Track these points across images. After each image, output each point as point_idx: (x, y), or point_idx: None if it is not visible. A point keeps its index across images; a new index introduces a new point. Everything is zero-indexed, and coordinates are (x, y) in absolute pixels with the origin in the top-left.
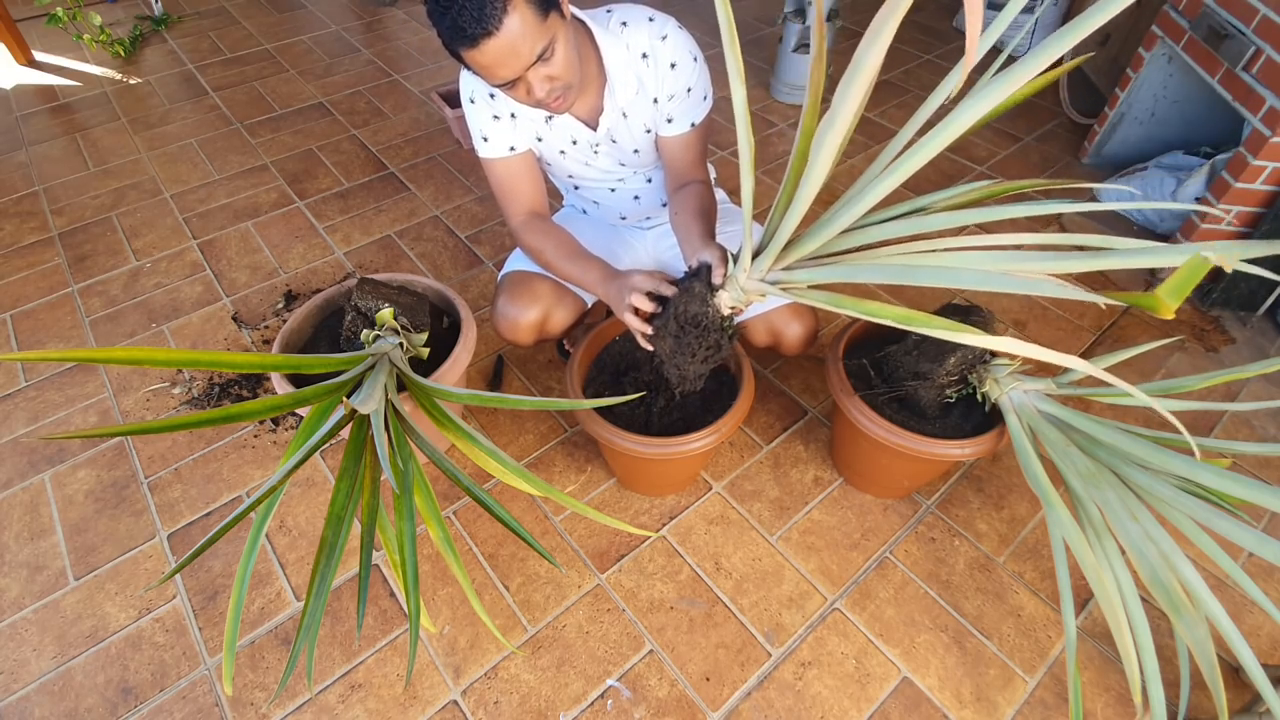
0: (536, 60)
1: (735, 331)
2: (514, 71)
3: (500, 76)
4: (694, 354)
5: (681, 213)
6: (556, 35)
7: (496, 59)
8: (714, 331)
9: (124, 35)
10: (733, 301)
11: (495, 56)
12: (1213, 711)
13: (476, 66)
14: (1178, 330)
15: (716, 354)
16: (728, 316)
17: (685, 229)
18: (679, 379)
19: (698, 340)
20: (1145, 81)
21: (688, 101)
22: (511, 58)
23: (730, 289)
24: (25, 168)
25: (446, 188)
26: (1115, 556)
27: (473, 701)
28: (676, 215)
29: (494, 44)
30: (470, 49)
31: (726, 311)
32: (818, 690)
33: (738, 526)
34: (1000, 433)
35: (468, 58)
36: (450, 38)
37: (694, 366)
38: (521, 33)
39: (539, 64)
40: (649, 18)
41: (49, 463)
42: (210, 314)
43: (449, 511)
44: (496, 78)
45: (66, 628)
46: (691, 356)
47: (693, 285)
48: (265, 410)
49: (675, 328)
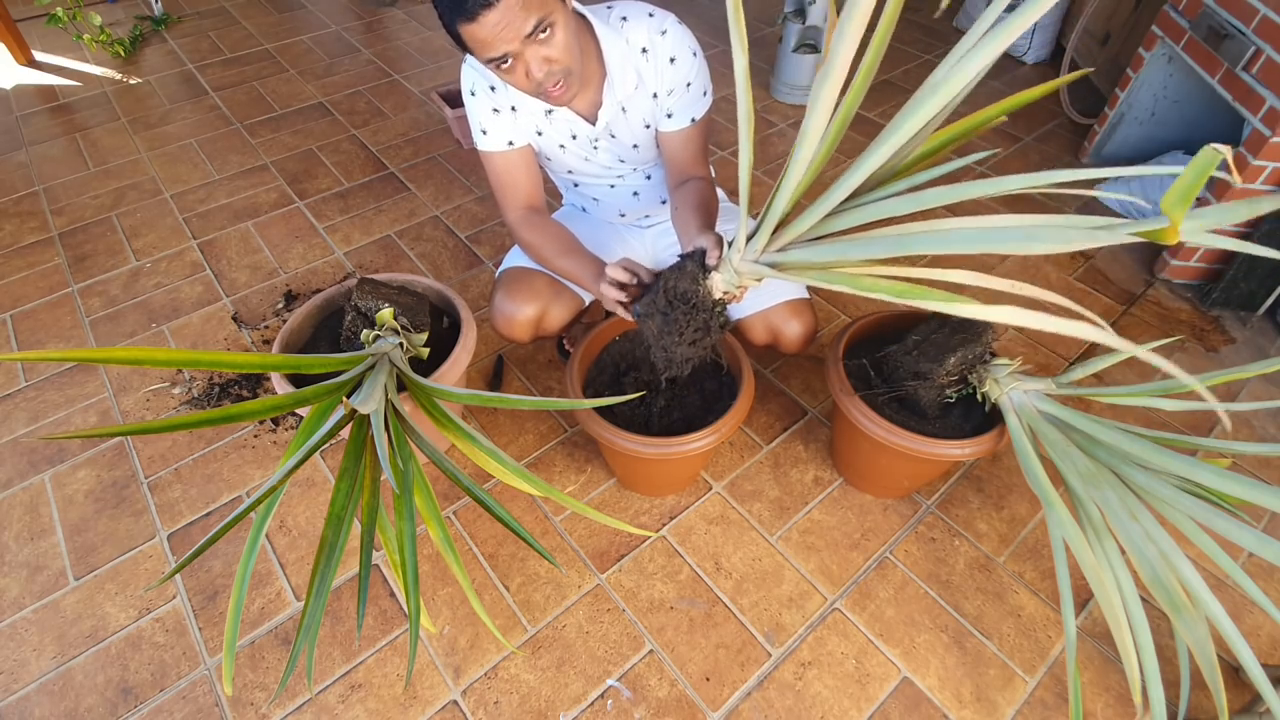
0: (534, 32)
1: (727, 319)
2: (510, 45)
3: (497, 49)
4: (681, 333)
5: (682, 208)
6: (555, 14)
7: (494, 30)
8: (703, 312)
9: (124, 35)
10: (725, 285)
11: (492, 29)
12: (1213, 711)
13: (474, 42)
14: (1178, 330)
15: (705, 336)
16: (719, 301)
17: (684, 223)
18: (665, 362)
19: (685, 319)
20: (1145, 81)
21: (687, 96)
22: (509, 31)
23: (724, 271)
24: (25, 168)
25: (446, 188)
26: (1115, 556)
27: (473, 701)
28: (677, 210)
29: (492, 16)
30: (469, 22)
31: (718, 295)
32: (818, 690)
33: (738, 526)
34: (1000, 433)
35: (466, 33)
36: (449, 13)
37: (681, 349)
38: (521, 2)
39: (537, 43)
40: (649, 13)
41: (49, 463)
42: (210, 314)
43: (449, 511)
44: (493, 51)
45: (66, 628)
46: (679, 336)
47: (685, 264)
48: (265, 410)
49: (664, 303)
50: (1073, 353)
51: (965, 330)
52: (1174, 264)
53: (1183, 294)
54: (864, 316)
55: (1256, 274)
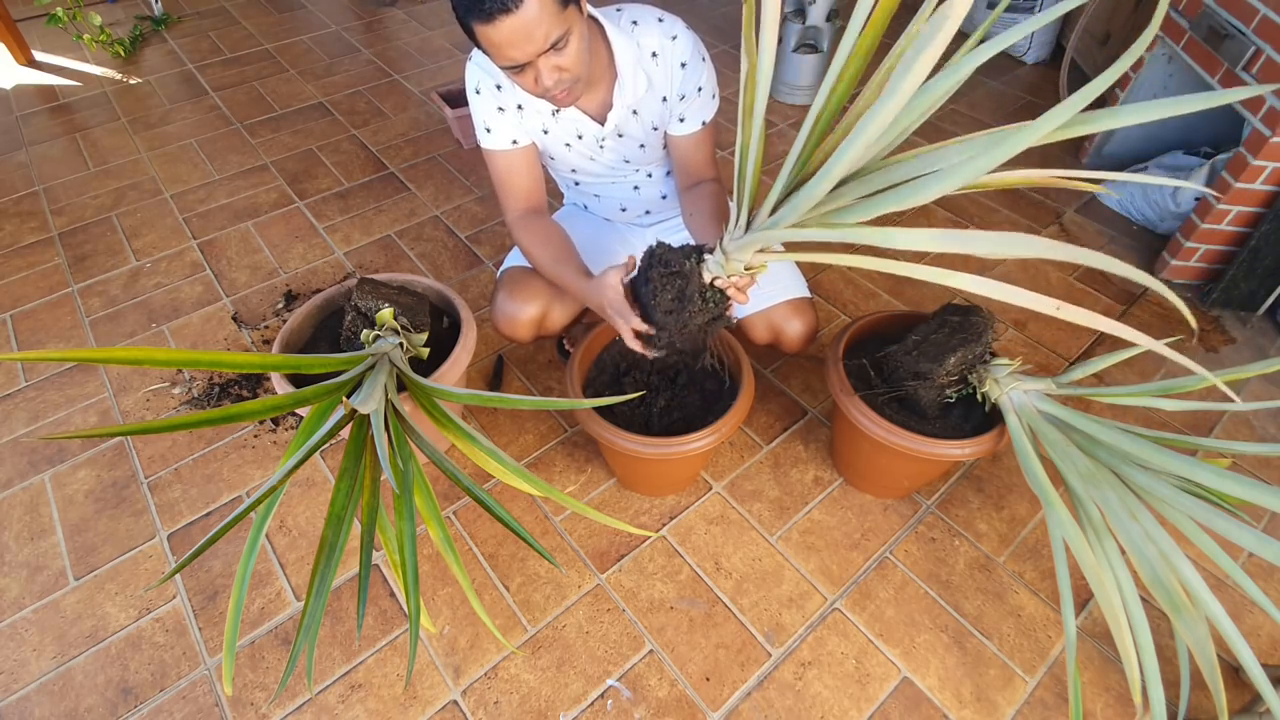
0: (550, 49)
1: (723, 310)
2: (525, 55)
3: (510, 58)
4: (655, 296)
5: (697, 214)
6: (572, 27)
7: (510, 39)
8: (680, 278)
9: (124, 35)
10: (715, 269)
11: (509, 36)
12: (1213, 711)
13: (487, 43)
14: (1178, 330)
15: (681, 307)
16: (712, 286)
17: (700, 230)
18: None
19: (662, 281)
20: (1145, 82)
21: (699, 100)
22: (525, 41)
23: (715, 254)
24: (25, 168)
25: (446, 188)
26: (1115, 556)
27: (473, 701)
28: (691, 216)
29: (510, 23)
30: (485, 24)
31: (708, 278)
32: (818, 690)
33: (738, 526)
34: (1000, 433)
35: (480, 33)
36: (465, 10)
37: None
38: (539, 17)
39: (551, 53)
40: (659, 18)
41: (49, 463)
42: (210, 314)
43: (449, 511)
44: (506, 59)
45: (66, 628)
46: (654, 300)
47: (680, 246)
48: (265, 410)
49: (645, 264)
50: (1073, 353)
51: (965, 330)
52: (1174, 264)
53: (1183, 294)
54: (864, 316)
55: (1256, 274)
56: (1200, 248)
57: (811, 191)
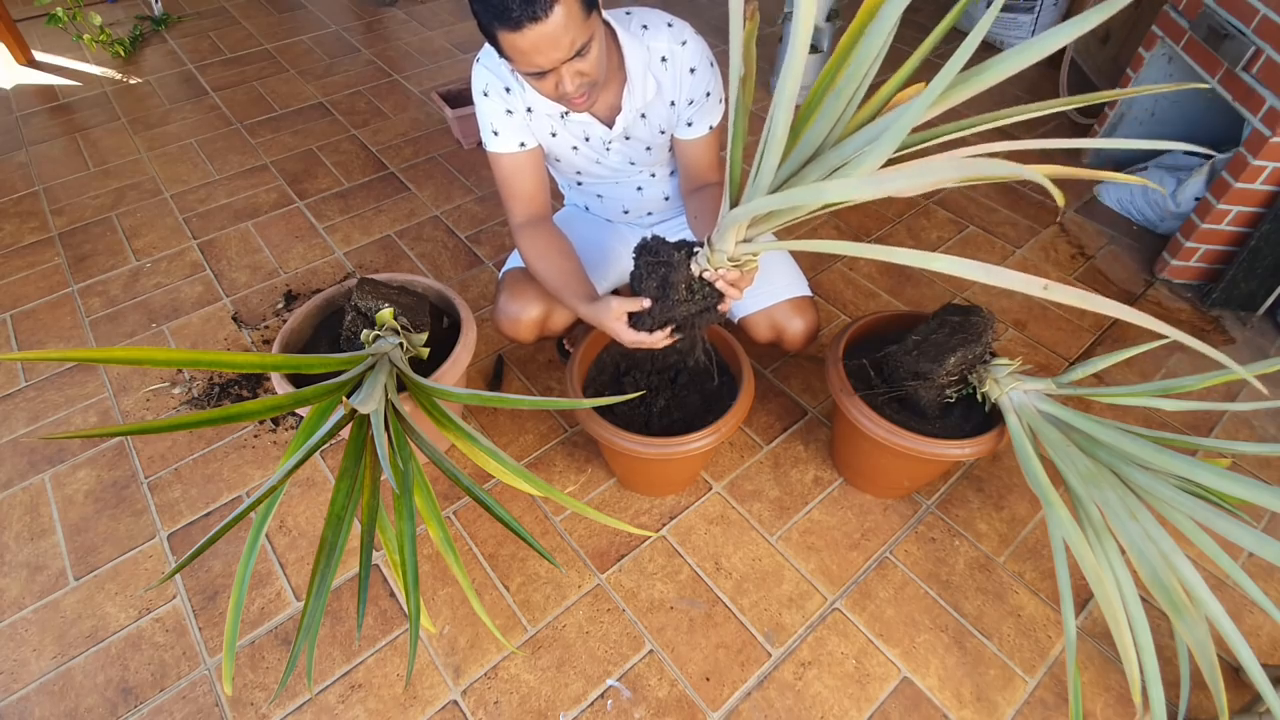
0: (574, 56)
1: (712, 304)
2: (550, 62)
3: (536, 65)
4: (641, 280)
5: (701, 216)
6: (594, 34)
7: (535, 46)
8: (665, 265)
9: (124, 35)
10: (703, 264)
11: (534, 44)
12: (1213, 711)
13: (513, 50)
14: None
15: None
16: (698, 278)
17: (704, 233)
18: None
19: (648, 267)
20: (1145, 82)
21: (706, 105)
22: (551, 49)
23: (703, 249)
24: (25, 168)
25: (446, 188)
26: (1115, 556)
27: (473, 701)
28: (696, 219)
29: (536, 31)
30: (511, 31)
31: (696, 271)
32: (818, 690)
33: (738, 526)
34: (1000, 433)
35: (505, 40)
36: (491, 17)
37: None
38: (565, 25)
39: (574, 59)
40: (668, 23)
41: (49, 463)
42: (210, 314)
43: (449, 511)
44: (531, 65)
45: (66, 628)
46: (640, 285)
47: (674, 241)
48: (265, 410)
49: (636, 252)
50: (1073, 353)
51: (965, 330)
52: (1174, 264)
53: (1183, 294)
54: (864, 316)
55: (1256, 274)
56: (1200, 248)
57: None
